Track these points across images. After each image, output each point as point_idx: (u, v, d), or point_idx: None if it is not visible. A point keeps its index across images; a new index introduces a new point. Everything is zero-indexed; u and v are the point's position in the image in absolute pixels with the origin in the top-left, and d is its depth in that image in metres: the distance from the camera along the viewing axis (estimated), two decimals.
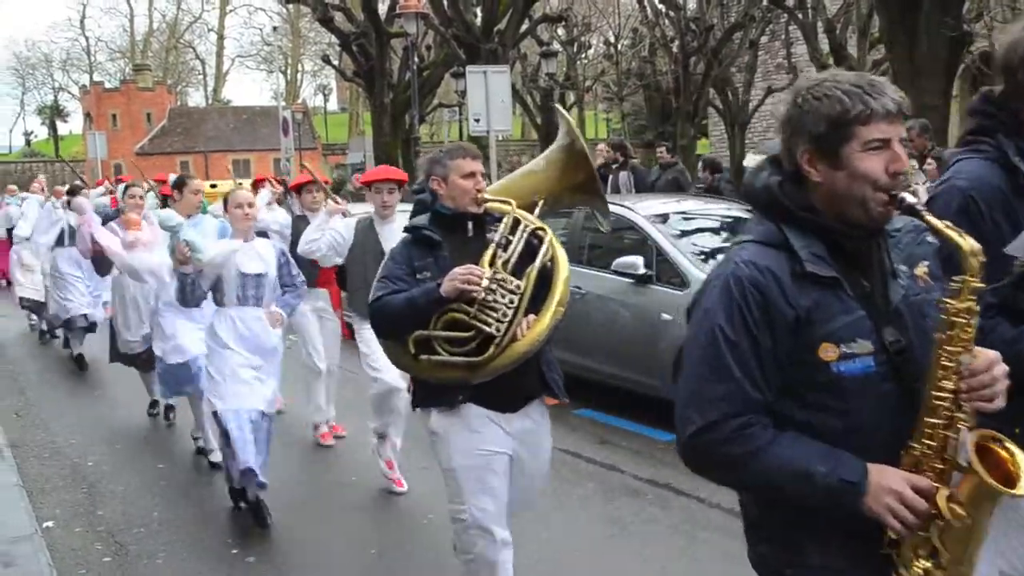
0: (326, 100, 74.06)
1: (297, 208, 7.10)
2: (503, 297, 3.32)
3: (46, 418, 7.88)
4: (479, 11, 21.70)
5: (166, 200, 7.06)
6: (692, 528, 5.01)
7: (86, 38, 72.16)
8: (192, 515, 5.54)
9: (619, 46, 35.08)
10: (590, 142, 5.97)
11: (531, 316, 3.35)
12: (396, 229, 3.99)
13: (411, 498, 5.57)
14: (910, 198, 1.85)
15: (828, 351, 1.84)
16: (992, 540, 1.91)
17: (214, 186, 22.58)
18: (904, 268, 1.98)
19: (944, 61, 11.99)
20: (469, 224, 3.54)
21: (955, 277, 1.83)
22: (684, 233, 7.41)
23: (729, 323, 1.87)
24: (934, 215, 1.85)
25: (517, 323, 3.32)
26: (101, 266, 8.16)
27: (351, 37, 24.56)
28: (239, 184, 6.84)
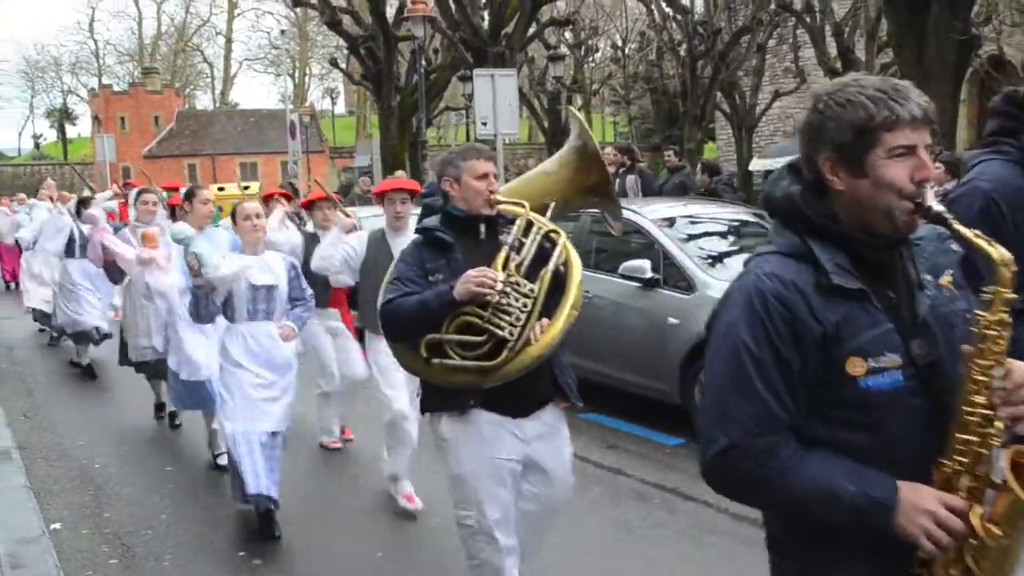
0: (333, 103, 74.08)
1: (309, 226, 7.08)
2: (516, 301, 3.27)
3: (54, 420, 7.91)
4: (486, 15, 21.70)
5: (173, 211, 7.06)
6: (699, 532, 5.00)
7: (95, 41, 72.89)
8: (199, 517, 5.54)
9: (626, 50, 35.10)
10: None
11: (544, 320, 3.31)
12: (408, 241, 3.94)
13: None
14: (937, 206, 1.78)
15: (856, 366, 1.78)
16: None
17: (221, 189, 22.67)
18: (929, 278, 1.91)
19: (952, 64, 11.96)
20: (482, 226, 3.49)
21: (986, 288, 1.76)
22: (691, 237, 7.41)
23: (753, 339, 1.80)
24: (960, 221, 1.79)
25: (530, 327, 3.27)
26: (113, 273, 8.18)
27: (359, 40, 24.57)
28: (246, 188, 6.83)
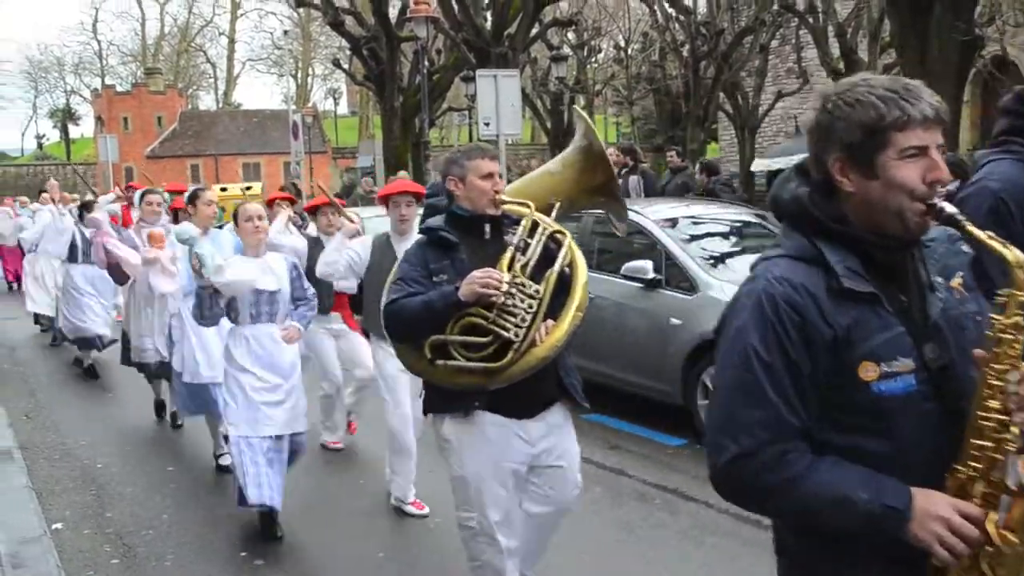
0: (336, 104, 74.25)
1: (312, 230, 7.08)
2: (522, 302, 3.25)
3: (56, 420, 7.92)
4: (489, 15, 21.72)
5: (176, 214, 7.06)
6: (700, 533, 4.99)
7: (98, 42, 72.94)
8: (201, 518, 5.54)
9: (629, 50, 35.10)
10: None
11: (549, 321, 3.28)
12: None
13: None
14: (949, 208, 1.75)
15: (868, 370, 1.75)
16: None
17: (224, 189, 22.66)
18: (940, 280, 1.88)
19: (955, 65, 11.95)
20: (486, 226, 3.46)
21: (1000, 291, 1.74)
22: (693, 237, 7.41)
23: (763, 344, 1.77)
24: (972, 223, 1.76)
25: (536, 328, 3.24)
26: (117, 275, 8.21)
27: (361, 41, 24.61)
28: (248, 188, 6.84)
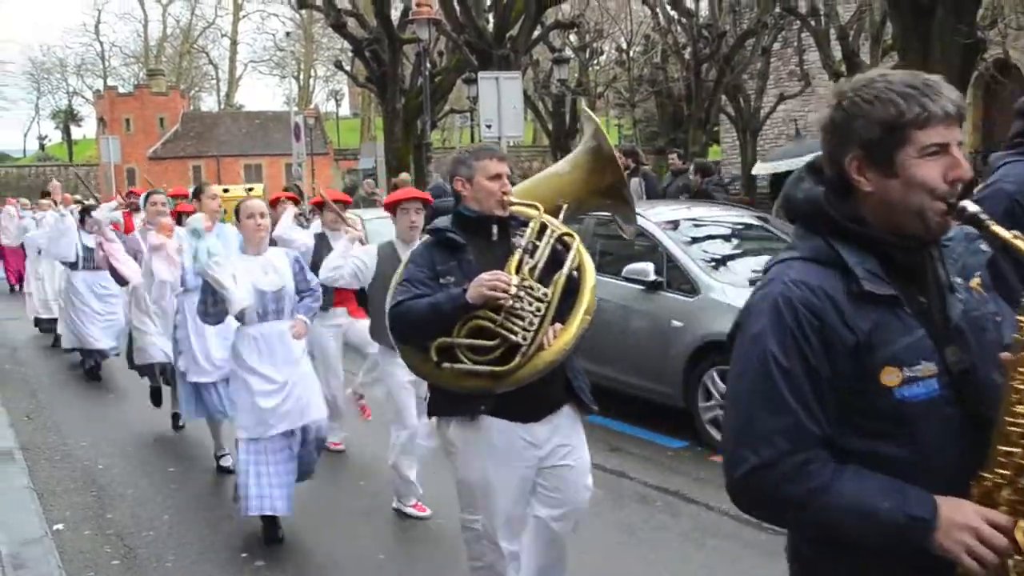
0: (338, 105, 74.34)
1: (317, 225, 7.07)
2: (530, 305, 3.21)
3: (57, 421, 7.92)
4: (491, 17, 21.71)
5: (179, 218, 7.10)
6: (702, 535, 4.99)
7: (100, 43, 73.13)
8: (202, 519, 5.54)
9: (631, 52, 35.07)
10: None
11: (557, 325, 3.24)
12: None
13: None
14: (972, 207, 1.70)
15: (891, 376, 1.70)
16: None
17: (226, 191, 22.67)
18: (959, 281, 1.83)
19: (957, 68, 11.93)
20: (494, 227, 3.41)
21: None
22: (695, 240, 7.41)
23: (782, 350, 1.71)
24: (996, 222, 1.71)
25: (544, 332, 3.20)
26: (118, 276, 8.25)
27: (364, 43, 24.61)
28: (250, 190, 6.86)
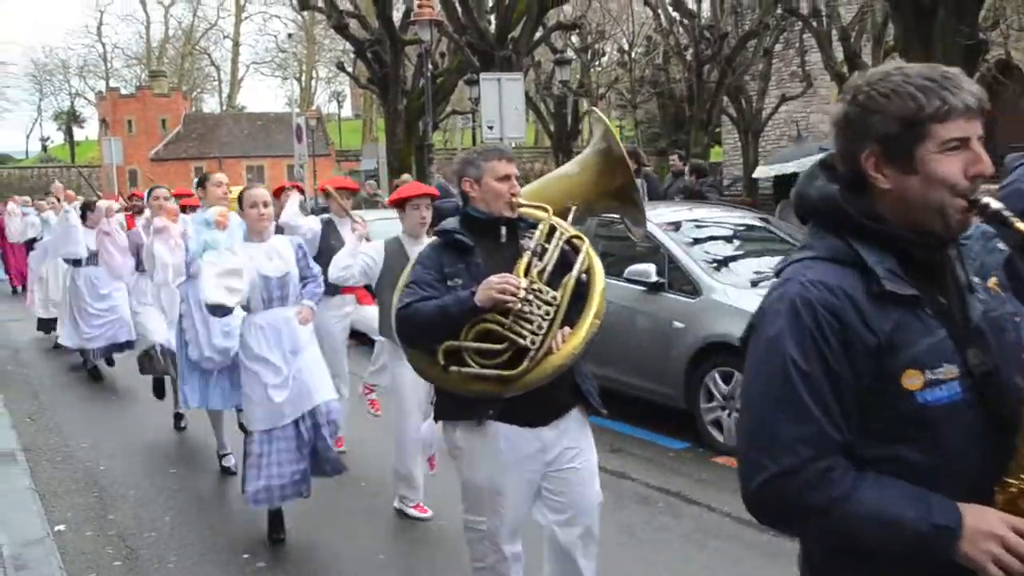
0: (340, 107, 74.43)
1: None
2: (538, 308, 3.17)
3: (59, 422, 7.93)
4: (493, 18, 21.70)
5: (184, 212, 7.11)
6: (703, 537, 4.98)
7: (103, 45, 72.83)
8: (204, 520, 5.55)
9: (633, 54, 35.03)
10: None
11: (566, 329, 3.21)
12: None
13: None
14: (995, 204, 1.65)
15: (913, 379, 1.64)
16: None
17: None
18: (978, 280, 1.79)
19: (959, 69, 11.93)
20: (502, 229, 3.37)
21: None
22: (696, 241, 7.41)
23: (801, 353, 1.65)
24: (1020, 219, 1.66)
25: (552, 336, 3.17)
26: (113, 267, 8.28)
27: (365, 44, 24.63)
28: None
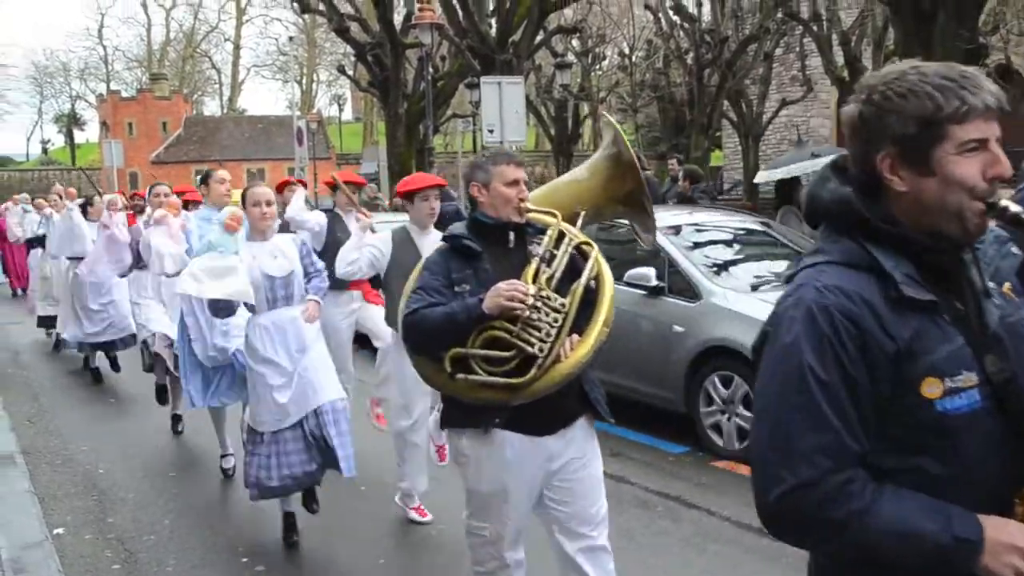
0: (341, 110, 74.58)
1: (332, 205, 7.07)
2: (547, 316, 3.13)
3: (59, 425, 7.92)
4: (494, 22, 21.71)
5: (187, 207, 7.11)
6: (703, 541, 4.97)
7: (104, 47, 73.09)
8: (203, 523, 5.54)
9: (633, 58, 35.03)
10: None
11: (575, 336, 3.18)
12: (435, 239, 3.83)
13: None
14: (1014, 207, 1.61)
15: (932, 387, 1.60)
16: None
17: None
18: (993, 285, 1.75)
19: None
20: (511, 234, 3.34)
21: None
22: (697, 245, 7.40)
23: (819, 361, 1.60)
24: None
25: (561, 343, 3.14)
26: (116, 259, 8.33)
27: (366, 47, 24.64)
28: None
